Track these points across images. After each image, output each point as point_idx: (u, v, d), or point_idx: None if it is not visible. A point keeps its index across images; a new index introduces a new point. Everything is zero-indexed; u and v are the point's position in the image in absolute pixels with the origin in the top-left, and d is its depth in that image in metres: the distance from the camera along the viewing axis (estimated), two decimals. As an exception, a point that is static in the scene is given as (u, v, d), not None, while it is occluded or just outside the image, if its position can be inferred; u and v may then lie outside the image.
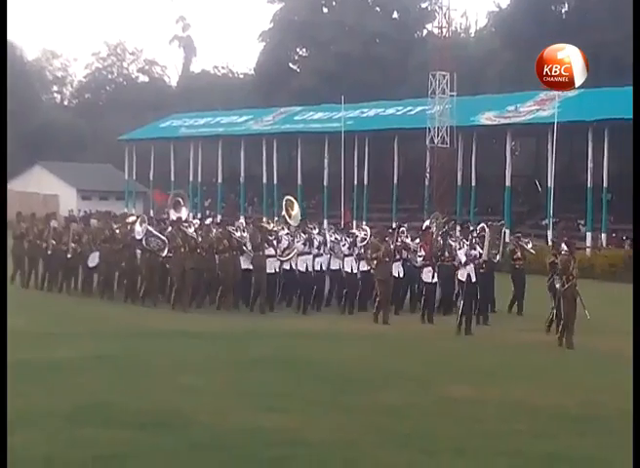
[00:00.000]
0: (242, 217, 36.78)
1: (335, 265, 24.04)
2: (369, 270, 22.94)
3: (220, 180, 62.82)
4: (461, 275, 20.38)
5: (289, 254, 23.43)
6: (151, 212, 61.50)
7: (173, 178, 64.57)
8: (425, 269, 22.22)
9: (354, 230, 25.18)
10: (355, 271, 23.50)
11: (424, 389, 13.77)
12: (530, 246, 25.54)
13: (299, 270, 23.52)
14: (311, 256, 23.56)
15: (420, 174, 51.56)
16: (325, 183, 55.06)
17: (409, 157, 58.06)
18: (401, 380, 14.40)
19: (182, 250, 22.84)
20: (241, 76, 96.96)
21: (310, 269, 23.54)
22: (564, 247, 19.37)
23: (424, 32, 77.84)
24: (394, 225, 26.13)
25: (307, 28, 76.54)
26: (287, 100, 67.95)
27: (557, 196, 42.66)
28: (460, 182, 50.21)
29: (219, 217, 41.11)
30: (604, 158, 44.14)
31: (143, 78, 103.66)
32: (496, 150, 53.65)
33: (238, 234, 23.39)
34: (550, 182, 43.31)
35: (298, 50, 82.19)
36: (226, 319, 21.72)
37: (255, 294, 23.32)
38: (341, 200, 46.28)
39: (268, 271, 23.21)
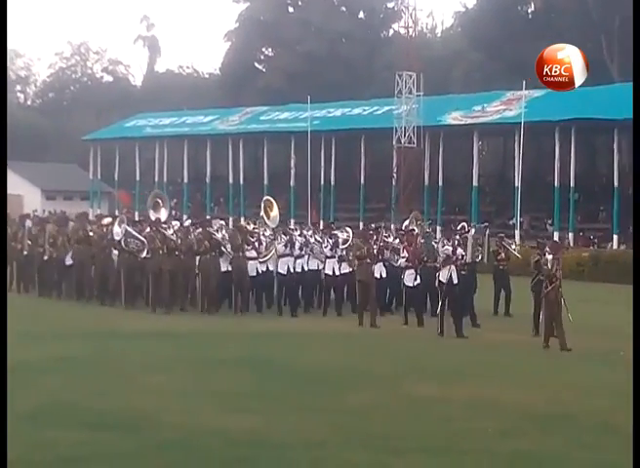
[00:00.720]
0: (209, 217, 36.35)
1: (313, 266, 23.42)
2: (351, 272, 22.40)
3: (185, 180, 62.51)
4: (442, 276, 19.80)
5: (266, 255, 22.95)
6: (116, 212, 61.07)
7: (138, 178, 64.27)
8: (407, 272, 21.53)
9: (336, 231, 24.35)
10: (337, 273, 22.92)
11: (392, 389, 13.61)
12: (514, 247, 25.16)
13: (279, 272, 23.02)
14: (292, 258, 23.02)
15: (386, 173, 51.39)
16: (292, 183, 54.89)
17: (376, 157, 57.97)
18: (369, 380, 14.25)
19: (161, 251, 22.39)
20: (206, 76, 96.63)
21: (292, 271, 23.01)
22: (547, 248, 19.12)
23: (391, 32, 77.84)
24: (375, 225, 25.47)
25: (273, 28, 76.33)
26: (253, 100, 67.71)
27: (524, 195, 42.73)
28: (427, 182, 50.14)
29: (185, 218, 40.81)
30: (571, 158, 44.20)
31: (108, 78, 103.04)
32: (463, 150, 53.61)
33: (219, 235, 22.77)
34: (517, 182, 43.37)
35: (263, 49, 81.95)
36: (198, 320, 21.43)
37: (235, 296, 22.80)
38: (308, 200, 46.13)
39: (250, 274, 22.71)
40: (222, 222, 24.55)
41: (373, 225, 27.02)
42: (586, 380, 14.88)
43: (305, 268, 23.33)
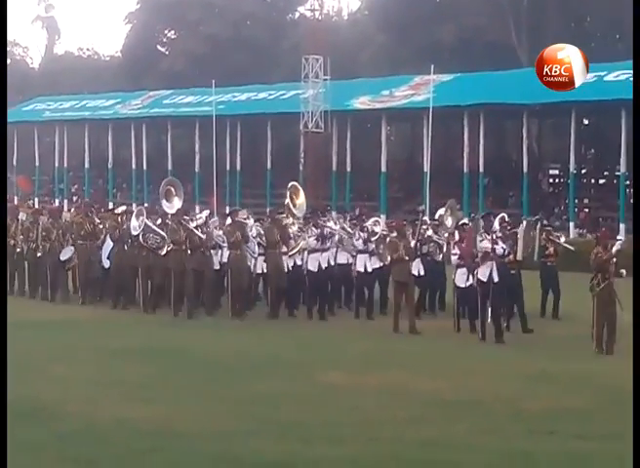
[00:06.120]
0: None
1: (342, 260, 21.48)
2: (381, 267, 20.80)
3: (87, 166, 61.03)
4: (482, 274, 17.86)
5: (294, 249, 21.04)
6: (15, 198, 59.49)
7: (37, 163, 63.12)
8: (459, 270, 19.18)
9: (368, 223, 21.84)
10: (370, 270, 21.03)
11: (302, 377, 13.60)
12: (563, 239, 23.14)
13: (309, 270, 21.02)
14: (322, 253, 21.07)
15: (294, 159, 50.76)
16: (196, 169, 53.79)
17: (283, 142, 57.14)
18: (279, 369, 14.29)
19: (183, 247, 20.56)
20: (107, 58, 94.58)
21: (323, 268, 21.01)
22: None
23: (297, 15, 76.84)
24: (426, 218, 22.94)
25: (175, 9, 74.58)
26: (156, 84, 66.41)
27: (433, 181, 42.25)
28: (334, 168, 49.50)
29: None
30: (480, 143, 43.92)
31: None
32: (371, 135, 53.05)
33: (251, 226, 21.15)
34: (426, 167, 42.85)
35: (166, 32, 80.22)
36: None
37: (273, 298, 20.94)
38: (214, 185, 45.15)
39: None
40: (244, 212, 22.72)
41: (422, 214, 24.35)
42: (497, 367, 14.92)
43: (332, 263, 21.33)
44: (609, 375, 13.95)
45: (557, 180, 49.31)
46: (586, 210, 43.93)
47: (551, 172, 50.02)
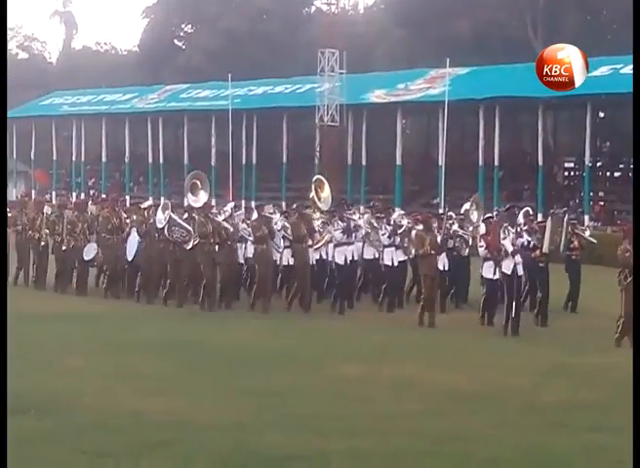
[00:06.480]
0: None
1: (369, 255, 21.38)
2: (405, 260, 20.99)
3: (104, 159, 61.25)
4: (506, 267, 17.81)
5: (319, 242, 21.02)
6: (33, 191, 59.90)
7: (55, 157, 63.25)
8: (486, 263, 18.93)
9: (394, 217, 21.81)
10: (396, 264, 20.91)
11: (316, 370, 13.47)
12: (588, 233, 23.00)
13: (336, 263, 20.86)
14: (348, 246, 20.91)
15: (309, 152, 50.85)
16: (212, 163, 53.89)
17: (298, 136, 57.23)
18: (292, 362, 14.15)
19: (212, 240, 20.31)
20: (125, 53, 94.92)
21: (349, 261, 20.88)
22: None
23: (312, 9, 76.98)
24: (441, 211, 23.01)
25: (192, 4, 74.85)
26: (172, 78, 66.58)
27: (448, 174, 42.36)
28: (350, 161, 49.57)
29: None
30: (495, 136, 43.92)
31: (23, 55, 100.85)
32: (386, 128, 53.12)
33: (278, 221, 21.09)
34: (442, 161, 42.99)
35: (183, 26, 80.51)
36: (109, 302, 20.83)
37: (296, 292, 20.85)
38: (230, 179, 45.37)
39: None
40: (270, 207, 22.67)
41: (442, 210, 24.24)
42: (513, 359, 14.88)
43: (357, 257, 21.30)
44: (624, 368, 13.90)
45: (572, 173, 49.16)
46: (601, 203, 43.85)
47: (566, 165, 49.87)
